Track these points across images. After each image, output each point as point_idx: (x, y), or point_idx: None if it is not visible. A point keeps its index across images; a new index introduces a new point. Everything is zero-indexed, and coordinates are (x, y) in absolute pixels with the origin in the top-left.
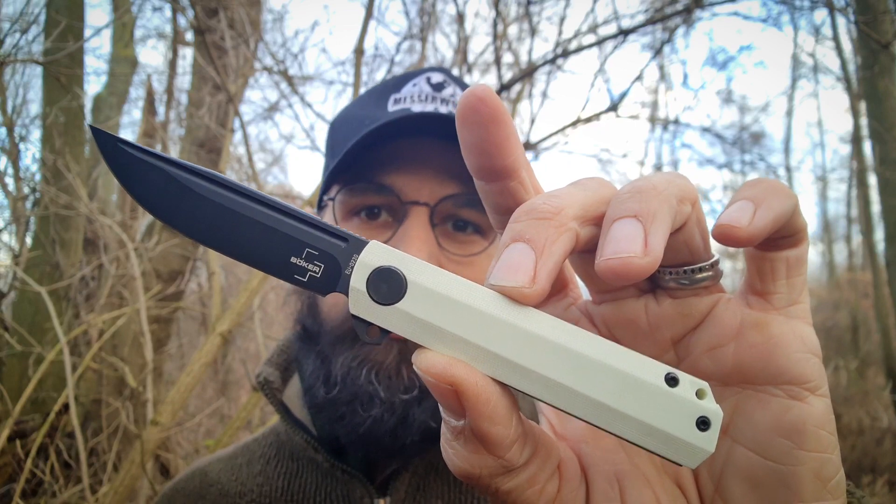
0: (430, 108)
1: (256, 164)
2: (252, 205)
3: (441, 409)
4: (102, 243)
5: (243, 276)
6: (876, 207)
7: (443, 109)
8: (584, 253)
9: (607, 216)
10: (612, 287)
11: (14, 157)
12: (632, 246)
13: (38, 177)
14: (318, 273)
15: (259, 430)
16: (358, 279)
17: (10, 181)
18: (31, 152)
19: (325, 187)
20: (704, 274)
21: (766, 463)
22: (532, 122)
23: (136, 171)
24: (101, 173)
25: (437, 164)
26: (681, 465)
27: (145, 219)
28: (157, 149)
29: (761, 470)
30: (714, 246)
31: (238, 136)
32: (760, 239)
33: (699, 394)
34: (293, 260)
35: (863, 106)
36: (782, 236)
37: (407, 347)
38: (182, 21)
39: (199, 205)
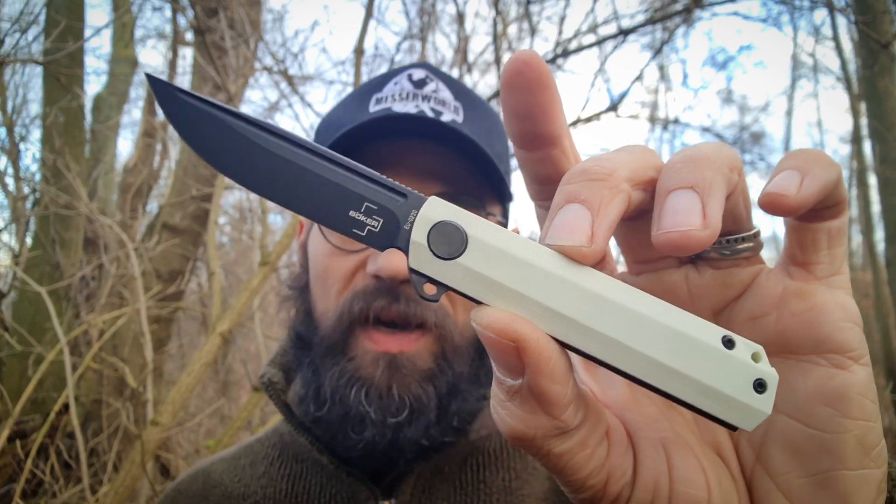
0: (411, 105)
1: None
2: (312, 157)
3: (496, 367)
4: (102, 243)
5: (243, 276)
6: (876, 207)
7: (424, 106)
8: (627, 220)
9: (661, 185)
10: (653, 257)
11: (14, 157)
12: (691, 218)
13: (38, 177)
14: (376, 228)
15: (261, 431)
16: (419, 233)
17: (10, 181)
18: (31, 152)
19: None
20: (746, 244)
21: (809, 431)
22: None
23: (195, 121)
24: (101, 173)
25: (419, 164)
26: (736, 428)
27: (145, 219)
28: (211, 103)
29: (804, 437)
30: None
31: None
32: (808, 207)
33: (755, 357)
34: (352, 214)
35: (863, 106)
36: (825, 206)
37: (396, 361)
38: (182, 21)
39: (259, 156)
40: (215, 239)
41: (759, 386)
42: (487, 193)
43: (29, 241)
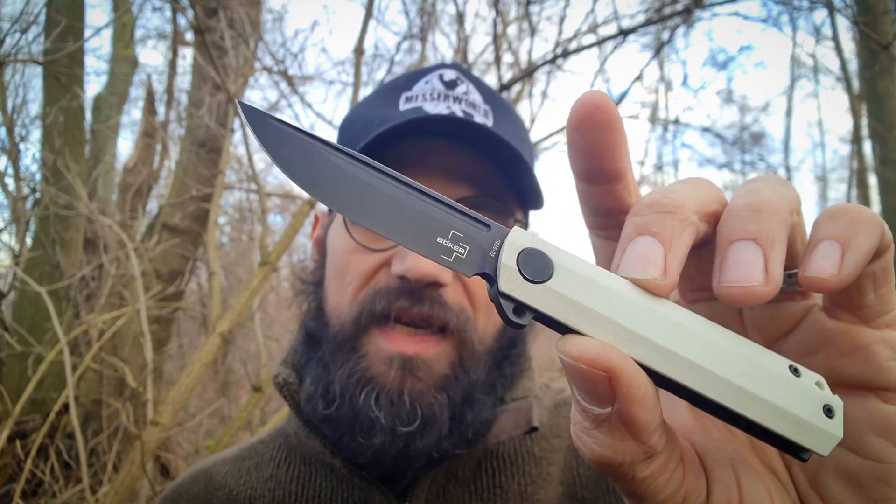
0: (442, 106)
1: (256, 163)
2: (401, 187)
3: (582, 396)
4: (102, 243)
5: (243, 276)
6: (876, 207)
7: (455, 108)
8: (691, 250)
9: (724, 233)
10: (708, 286)
11: (14, 157)
12: (753, 274)
13: (38, 177)
14: (463, 254)
15: (262, 431)
16: (508, 257)
17: (10, 181)
18: (31, 152)
19: None
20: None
21: (862, 461)
22: (532, 122)
23: (289, 148)
24: (101, 173)
25: (449, 166)
26: (809, 454)
27: (145, 219)
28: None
29: (858, 467)
30: None
31: (238, 135)
32: (850, 282)
33: (819, 385)
34: (439, 240)
35: (863, 106)
36: None
37: (411, 363)
38: (182, 21)
39: (350, 184)
40: (215, 239)
41: (828, 411)
42: (512, 199)
43: (29, 241)
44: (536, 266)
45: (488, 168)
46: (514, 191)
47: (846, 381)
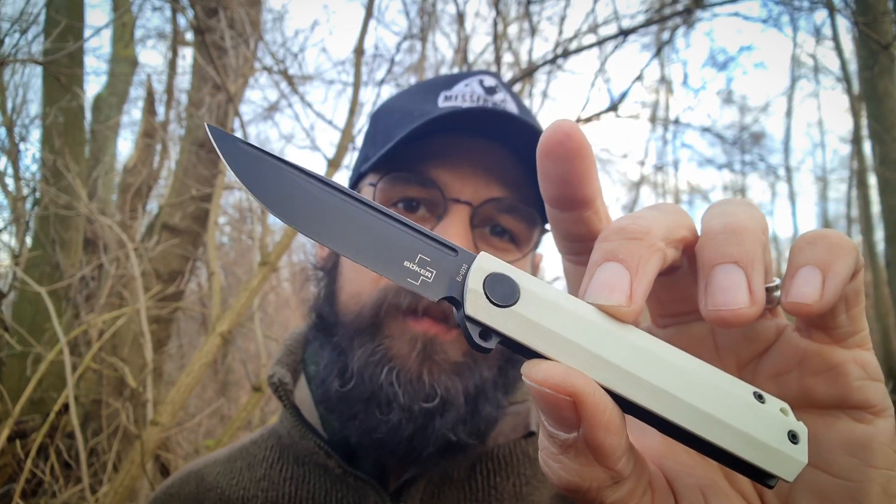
0: (510, 112)
1: None
2: (368, 211)
3: (548, 422)
4: (102, 243)
5: (243, 276)
6: (876, 207)
7: None
8: (660, 275)
9: (705, 257)
10: (680, 311)
11: (14, 157)
12: (739, 297)
13: (38, 177)
14: (430, 278)
15: (255, 431)
16: (475, 281)
17: (10, 181)
18: (31, 152)
19: (360, 175)
20: (769, 295)
21: (835, 480)
22: None
23: (257, 171)
24: (100, 173)
25: (484, 164)
26: (776, 480)
27: (145, 219)
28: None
29: (830, 486)
30: None
31: (238, 135)
32: (831, 306)
33: (783, 411)
34: (406, 264)
35: (863, 106)
36: None
37: (432, 345)
38: (182, 21)
39: (317, 207)
40: (215, 239)
41: (793, 437)
42: (540, 208)
43: (29, 241)
44: (503, 290)
45: (524, 172)
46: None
47: (819, 402)
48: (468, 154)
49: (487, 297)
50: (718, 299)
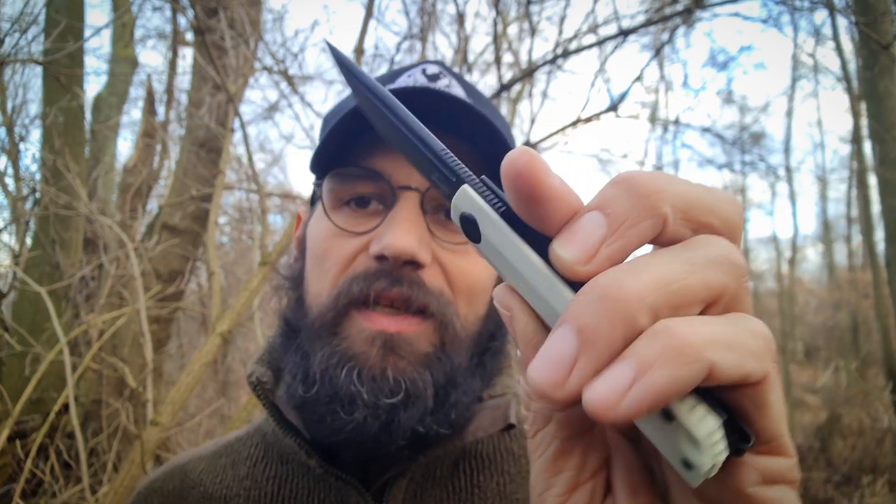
0: (442, 91)
1: (256, 164)
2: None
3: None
4: (102, 243)
5: (243, 276)
6: (876, 207)
7: None
8: None
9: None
10: None
11: (14, 157)
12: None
13: (38, 177)
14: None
15: (241, 428)
16: (454, 216)
17: (10, 181)
18: (31, 152)
19: (317, 178)
20: None
21: None
22: (532, 122)
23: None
24: (100, 173)
25: None
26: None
27: (145, 219)
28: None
29: None
30: None
31: (238, 135)
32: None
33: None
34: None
35: (863, 106)
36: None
37: (392, 341)
38: (182, 21)
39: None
40: (215, 239)
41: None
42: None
43: (29, 241)
44: (472, 230)
45: (470, 152)
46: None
47: (708, 499)
48: None
49: (463, 229)
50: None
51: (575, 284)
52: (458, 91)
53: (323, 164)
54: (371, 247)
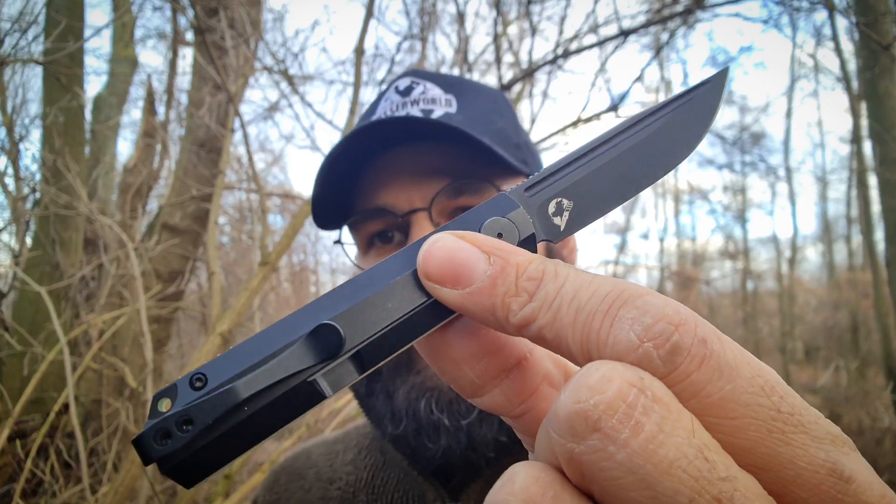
0: (401, 115)
1: (256, 163)
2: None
3: None
4: (102, 243)
5: (243, 276)
6: (876, 207)
7: (414, 110)
8: None
9: None
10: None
11: (14, 157)
12: None
13: (38, 177)
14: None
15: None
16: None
17: (10, 181)
18: (31, 152)
19: (327, 228)
20: None
21: None
22: (532, 122)
23: None
24: (101, 173)
25: (419, 165)
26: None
27: (145, 219)
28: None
29: None
30: None
31: (238, 135)
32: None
33: None
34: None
35: (863, 106)
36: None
37: None
38: (182, 21)
39: None
40: (215, 239)
41: None
42: (498, 171)
43: (29, 241)
44: None
45: (459, 154)
46: (501, 164)
47: None
48: (397, 165)
49: None
50: None
51: None
52: (433, 92)
53: (332, 216)
54: None
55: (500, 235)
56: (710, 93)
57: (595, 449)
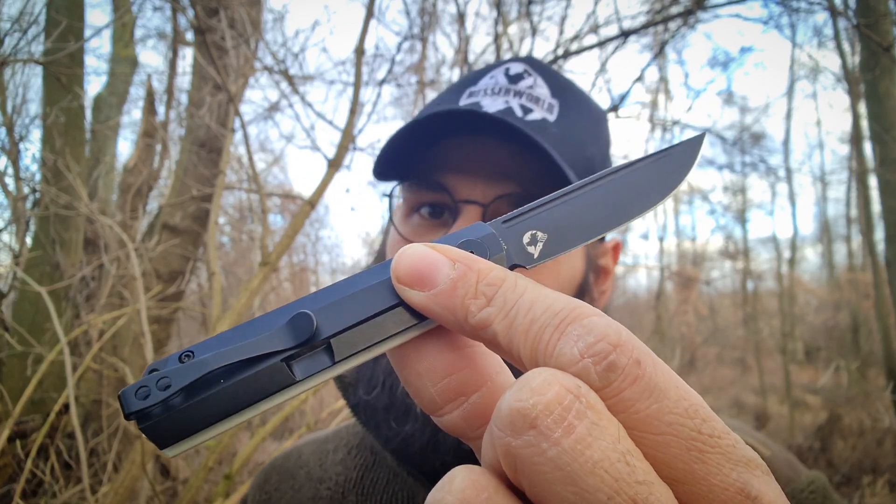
0: (500, 101)
1: (257, 164)
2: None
3: None
4: (102, 243)
5: (243, 276)
6: (876, 207)
7: (514, 102)
8: None
9: None
10: None
11: (14, 157)
12: None
13: (38, 177)
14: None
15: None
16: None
17: (10, 181)
18: (31, 152)
19: (380, 179)
20: None
21: None
22: None
23: None
24: (101, 173)
25: (493, 163)
26: None
27: (145, 219)
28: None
29: None
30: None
31: (238, 135)
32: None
33: None
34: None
35: (863, 107)
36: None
37: None
38: (182, 21)
39: None
40: (215, 239)
41: None
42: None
43: (29, 241)
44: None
45: (536, 166)
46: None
47: None
48: (478, 154)
49: None
50: None
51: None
52: (541, 90)
53: (395, 168)
54: None
55: (471, 252)
56: (686, 152)
57: (530, 444)
